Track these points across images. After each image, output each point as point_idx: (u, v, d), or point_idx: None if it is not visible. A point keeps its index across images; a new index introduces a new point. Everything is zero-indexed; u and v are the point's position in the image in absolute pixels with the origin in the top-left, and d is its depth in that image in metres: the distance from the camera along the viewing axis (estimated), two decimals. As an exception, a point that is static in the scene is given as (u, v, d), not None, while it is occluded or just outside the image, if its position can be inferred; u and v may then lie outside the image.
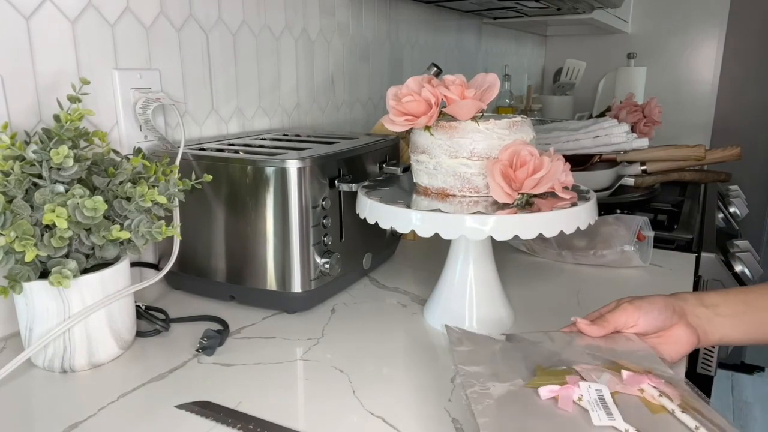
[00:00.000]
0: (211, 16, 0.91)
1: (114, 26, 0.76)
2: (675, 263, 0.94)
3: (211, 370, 0.61)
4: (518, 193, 0.62)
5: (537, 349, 0.56)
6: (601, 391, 0.47)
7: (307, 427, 0.52)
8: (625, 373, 0.49)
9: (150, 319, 0.69)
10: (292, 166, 0.69)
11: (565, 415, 0.45)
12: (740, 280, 1.08)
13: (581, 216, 0.63)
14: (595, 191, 0.71)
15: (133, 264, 0.76)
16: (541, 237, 0.60)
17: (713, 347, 0.97)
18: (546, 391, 0.47)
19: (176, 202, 0.68)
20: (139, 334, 0.68)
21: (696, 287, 1.00)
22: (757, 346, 0.60)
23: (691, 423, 0.44)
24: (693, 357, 0.99)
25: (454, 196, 0.66)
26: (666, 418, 0.45)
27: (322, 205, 0.73)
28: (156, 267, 0.82)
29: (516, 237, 0.60)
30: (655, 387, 0.48)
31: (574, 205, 0.63)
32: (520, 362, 0.53)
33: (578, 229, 0.62)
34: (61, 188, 0.57)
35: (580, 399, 0.46)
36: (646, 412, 0.46)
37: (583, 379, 0.48)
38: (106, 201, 0.57)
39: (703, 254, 1.02)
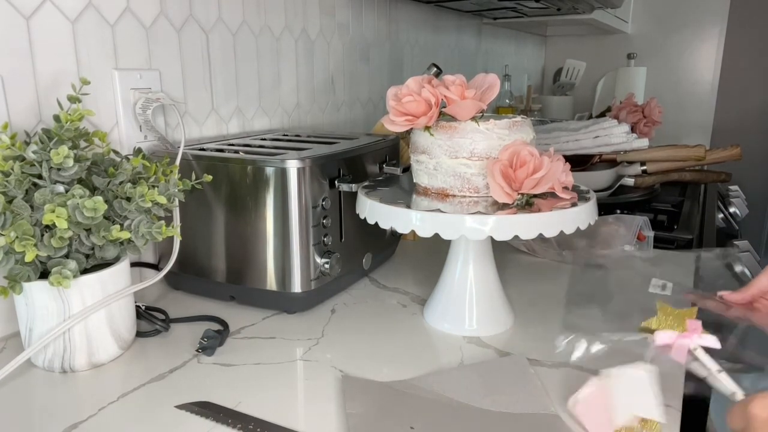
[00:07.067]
0: (211, 17, 0.90)
1: (114, 26, 0.76)
2: (675, 263, 0.94)
3: (211, 370, 0.61)
4: (518, 193, 0.62)
5: None
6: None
7: (307, 427, 0.52)
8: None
9: (150, 319, 0.69)
10: (292, 166, 0.69)
11: None
12: (740, 281, 1.08)
13: (581, 216, 0.63)
14: (595, 191, 0.71)
15: (133, 264, 0.76)
16: (541, 237, 0.60)
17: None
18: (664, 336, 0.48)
19: (176, 202, 0.68)
20: (139, 334, 0.68)
21: (696, 288, 1.00)
22: (757, 346, 0.58)
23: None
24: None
25: (454, 196, 0.66)
26: None
27: (322, 205, 0.73)
28: (156, 267, 0.82)
29: (516, 237, 0.60)
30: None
31: (574, 205, 0.63)
32: None
33: (578, 229, 0.62)
34: (61, 188, 0.57)
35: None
36: None
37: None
38: (106, 201, 0.57)
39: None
